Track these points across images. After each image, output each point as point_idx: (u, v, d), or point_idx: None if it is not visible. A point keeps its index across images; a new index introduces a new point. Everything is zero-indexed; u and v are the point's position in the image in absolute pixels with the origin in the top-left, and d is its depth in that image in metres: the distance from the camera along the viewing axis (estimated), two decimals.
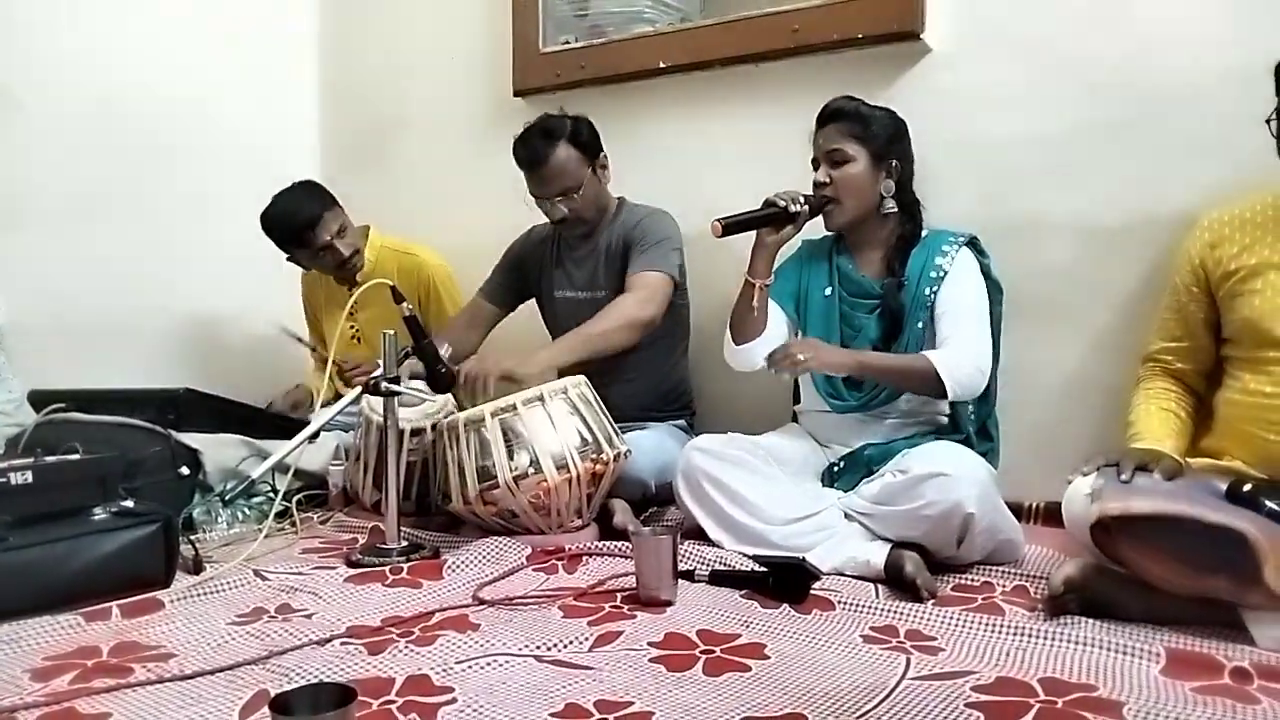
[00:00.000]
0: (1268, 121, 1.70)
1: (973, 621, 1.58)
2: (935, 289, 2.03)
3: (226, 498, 2.09)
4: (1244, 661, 1.36)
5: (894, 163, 2.08)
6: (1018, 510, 2.05)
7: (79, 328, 2.77)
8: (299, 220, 2.68)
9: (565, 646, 1.50)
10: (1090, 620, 1.55)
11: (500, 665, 1.43)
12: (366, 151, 3.29)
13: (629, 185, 2.55)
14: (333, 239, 2.71)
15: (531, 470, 1.99)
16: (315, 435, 2.02)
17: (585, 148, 2.39)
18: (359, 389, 2.02)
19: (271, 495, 2.19)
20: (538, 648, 1.49)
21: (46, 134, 2.76)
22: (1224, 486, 1.55)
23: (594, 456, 2.04)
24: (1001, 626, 1.55)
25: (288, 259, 2.81)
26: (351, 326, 2.85)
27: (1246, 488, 1.52)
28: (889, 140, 2.08)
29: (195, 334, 3.12)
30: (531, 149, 2.36)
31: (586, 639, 1.53)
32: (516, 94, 2.92)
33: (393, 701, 1.30)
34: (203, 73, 3.12)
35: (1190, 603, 1.50)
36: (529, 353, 2.20)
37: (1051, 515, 2.03)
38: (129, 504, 1.85)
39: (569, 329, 2.43)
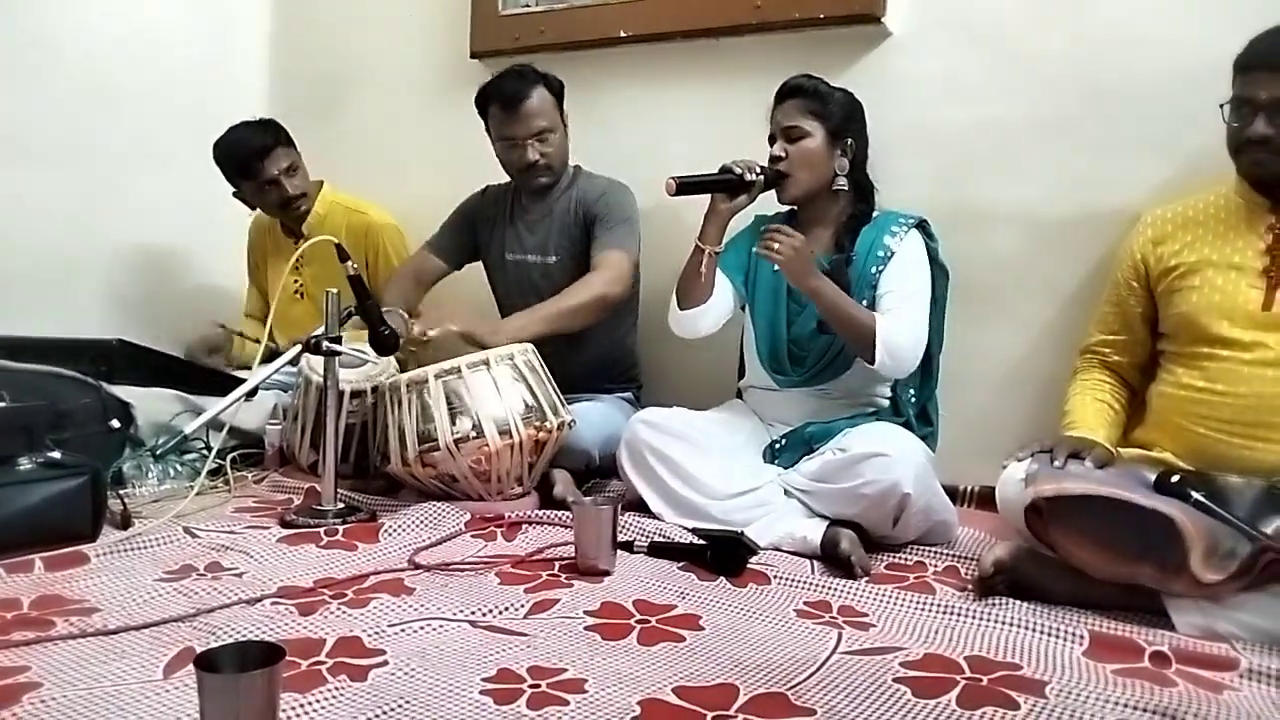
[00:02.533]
0: (1221, 106, 1.73)
1: (904, 599, 1.61)
2: (881, 268, 2.04)
3: (158, 453, 2.04)
4: (1164, 646, 1.40)
5: (849, 141, 2.08)
6: (953, 493, 2.09)
7: (9, 273, 2.68)
8: (248, 148, 2.64)
9: (500, 613, 1.50)
10: (1018, 602, 1.58)
11: (434, 629, 1.42)
12: (316, 104, 3.22)
13: (582, 154, 2.52)
14: (280, 175, 2.67)
15: (473, 434, 1.97)
16: (253, 393, 1.97)
17: (558, 95, 2.38)
18: (298, 347, 1.98)
19: (205, 452, 2.15)
20: (473, 613, 1.48)
21: None
22: (1153, 477, 1.59)
23: (537, 424, 2.03)
24: (932, 605, 1.58)
25: (234, 194, 2.76)
26: (296, 281, 2.80)
27: (1174, 479, 1.55)
28: (845, 119, 2.09)
29: (131, 284, 3.03)
30: (510, 89, 2.32)
31: (522, 606, 1.53)
32: (473, 55, 2.87)
33: (322, 663, 1.29)
34: (149, 14, 3.02)
35: (1115, 588, 1.54)
36: (496, 321, 2.17)
37: (985, 500, 2.07)
38: (56, 455, 1.81)
39: (517, 291, 2.42)
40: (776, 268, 2.12)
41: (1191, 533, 1.42)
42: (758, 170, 2.04)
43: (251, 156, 2.65)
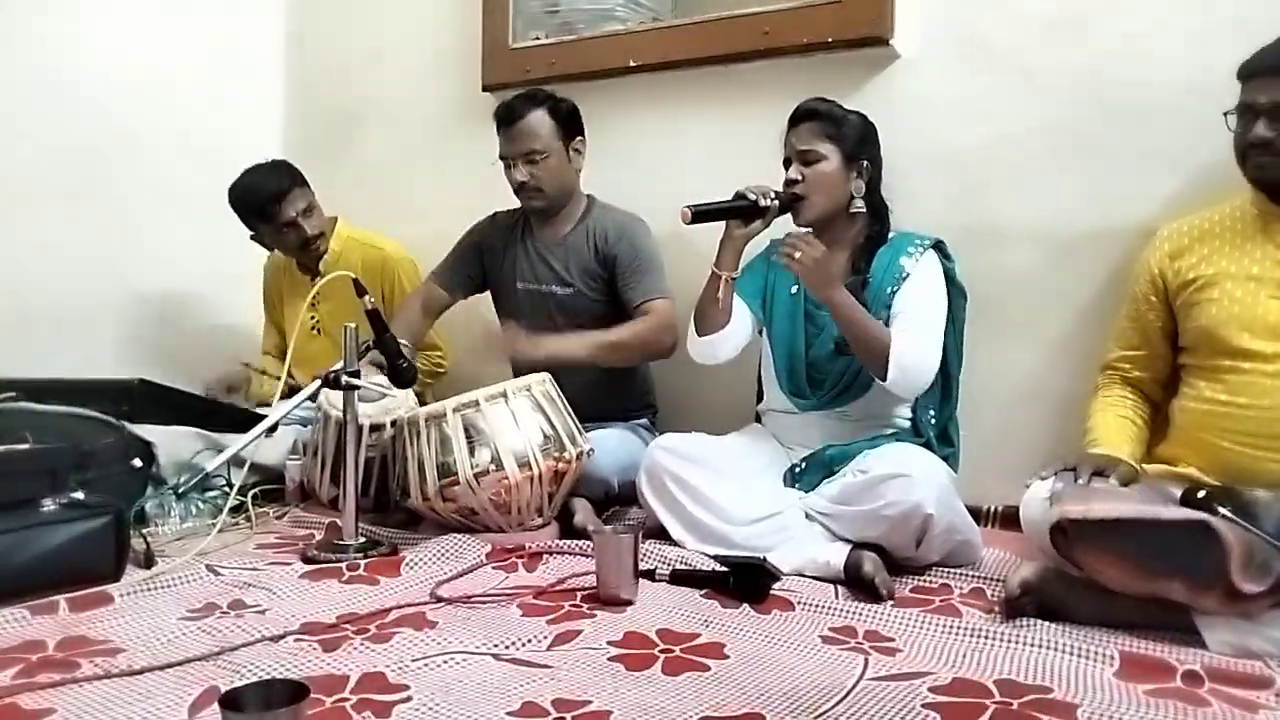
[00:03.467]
0: (1225, 115, 1.73)
1: (930, 623, 1.59)
2: (896, 289, 2.04)
3: (180, 491, 2.05)
4: (1196, 665, 1.38)
5: (864, 163, 2.09)
6: (977, 514, 2.07)
7: (32, 316, 2.71)
8: (265, 193, 2.66)
9: (523, 645, 1.49)
10: (1046, 623, 1.56)
11: (457, 663, 1.41)
12: (331, 141, 3.26)
13: (597, 183, 2.54)
14: (298, 216, 2.68)
15: (493, 467, 1.97)
16: (273, 429, 1.98)
17: (562, 121, 2.38)
18: (317, 382, 1.99)
19: (226, 489, 2.15)
20: (495, 646, 1.48)
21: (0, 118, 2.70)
22: (1178, 493, 1.58)
23: (556, 454, 2.03)
24: (958, 628, 1.56)
25: (251, 237, 2.78)
26: (313, 318, 2.82)
27: (1200, 494, 1.54)
28: (860, 141, 2.09)
29: (151, 324, 3.06)
30: (508, 106, 2.37)
31: (545, 637, 1.52)
32: (485, 89, 2.90)
33: (347, 699, 1.28)
34: (165, 58, 3.07)
35: (1145, 606, 1.52)
36: (536, 337, 2.20)
37: (1009, 519, 2.04)
38: (80, 496, 1.81)
39: (533, 320, 2.42)
40: (794, 290, 2.13)
41: (1230, 540, 1.40)
42: (772, 195, 2.04)
43: (268, 201, 2.66)
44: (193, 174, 3.04)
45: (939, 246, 2.11)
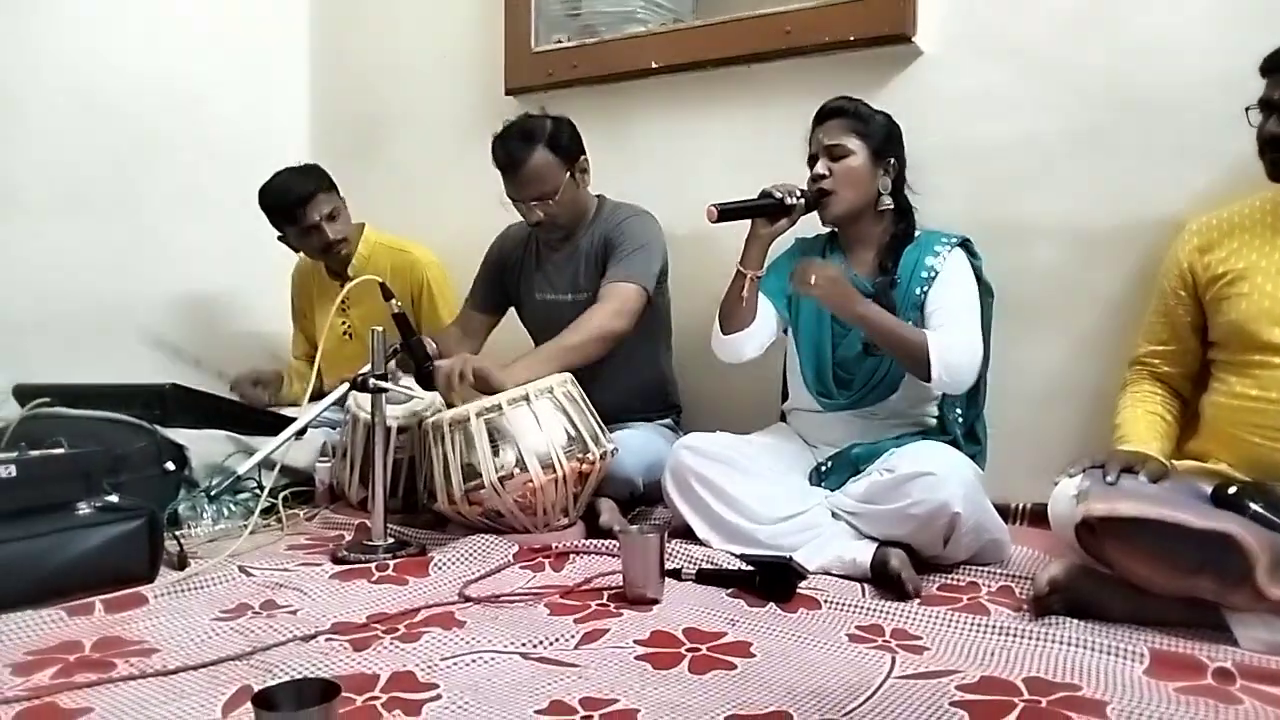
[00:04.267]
0: (1247, 110, 1.72)
1: (958, 621, 1.58)
2: (926, 289, 2.03)
3: (212, 493, 2.08)
4: (1227, 662, 1.37)
5: (891, 161, 2.08)
6: (1004, 511, 2.05)
7: (64, 322, 2.76)
8: (292, 195, 2.70)
9: (551, 644, 1.50)
10: (1075, 620, 1.55)
11: (486, 662, 1.43)
12: (357, 148, 3.29)
13: (619, 185, 2.55)
14: (321, 220, 2.72)
15: (517, 470, 1.98)
16: (302, 432, 2.01)
17: (564, 151, 2.35)
18: (346, 385, 2.01)
19: (257, 491, 2.18)
20: (524, 645, 1.49)
21: (31, 127, 2.75)
22: (1209, 489, 1.56)
23: (580, 456, 2.03)
24: (987, 626, 1.56)
25: (278, 238, 2.82)
26: (343, 322, 2.85)
27: (1231, 490, 1.52)
28: (887, 139, 2.09)
29: (179, 330, 3.10)
30: (508, 151, 2.34)
31: (572, 636, 1.53)
32: (508, 93, 2.92)
33: (377, 698, 1.30)
34: (193, 66, 3.11)
35: (1174, 603, 1.50)
36: (504, 365, 2.17)
37: (1038, 517, 2.04)
38: (114, 499, 1.84)
39: (550, 331, 2.42)
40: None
41: (1254, 548, 1.39)
42: (798, 194, 2.04)
43: (295, 204, 2.70)
44: (220, 181, 3.08)
45: (966, 245, 2.10)
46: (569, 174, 2.36)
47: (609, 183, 2.52)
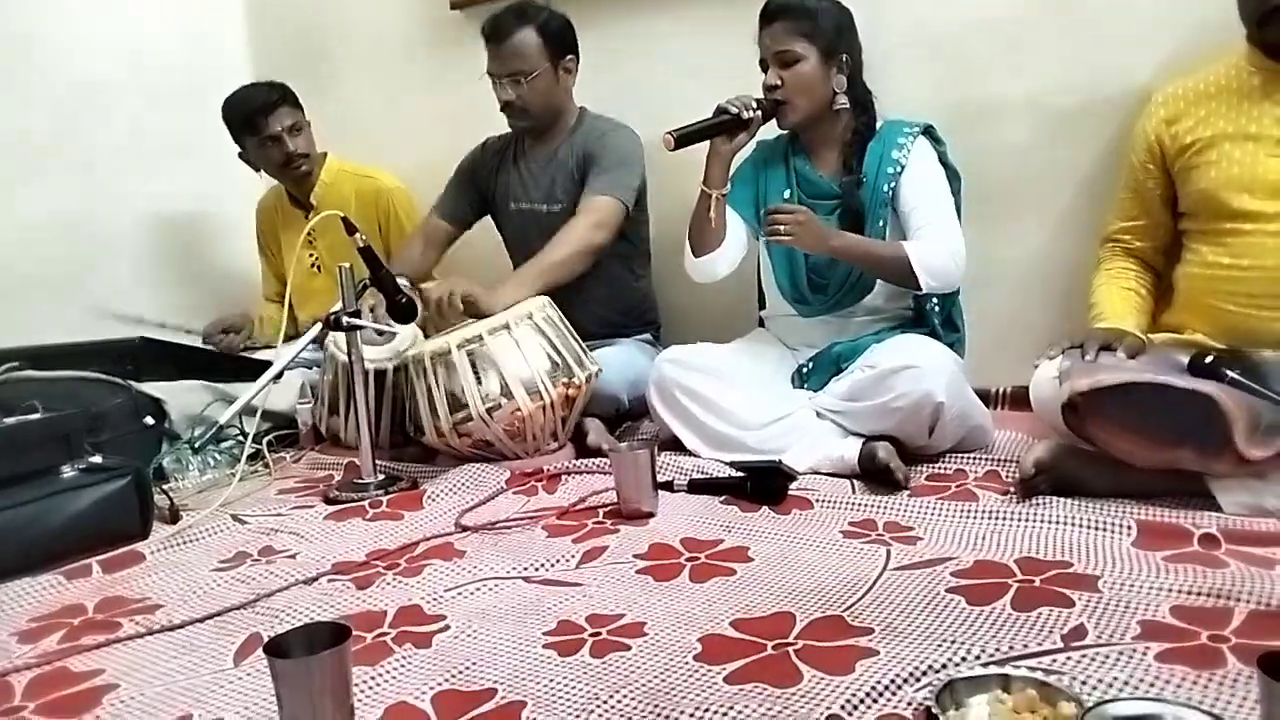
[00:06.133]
0: None
1: (948, 509, 1.62)
2: (894, 184, 2.01)
3: (195, 445, 2.06)
4: (1212, 528, 1.41)
5: (844, 57, 2.03)
6: (986, 397, 2.08)
7: (22, 283, 2.69)
8: (254, 103, 2.68)
9: (552, 565, 1.52)
10: (1062, 499, 1.59)
11: (490, 589, 1.44)
12: (302, 78, 3.13)
13: (585, 93, 2.48)
14: (283, 131, 2.69)
15: (504, 399, 1.98)
16: (279, 375, 1.99)
17: (552, 39, 2.32)
18: (319, 325, 1.99)
19: (241, 438, 2.16)
20: (525, 569, 1.51)
21: None
22: (1186, 359, 1.58)
23: (565, 380, 2.03)
24: (976, 511, 1.59)
25: (239, 155, 2.77)
26: (311, 255, 2.81)
27: (1208, 359, 1.54)
28: (837, 34, 2.03)
29: (144, 280, 3.03)
30: (496, 22, 2.31)
31: (572, 556, 1.55)
32: (454, 7, 2.82)
33: (386, 633, 1.32)
34: (127, 9, 3.00)
35: (1158, 475, 1.54)
36: (491, 287, 2.15)
37: (1019, 400, 2.06)
38: (97, 459, 1.82)
39: (527, 240, 2.40)
40: (786, 194, 2.10)
41: (1233, 410, 1.41)
42: (754, 105, 2.00)
43: (256, 112, 2.67)
44: (164, 124, 3.00)
45: (929, 131, 2.08)
46: (551, 65, 2.33)
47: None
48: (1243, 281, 1.70)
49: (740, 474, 1.81)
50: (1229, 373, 1.51)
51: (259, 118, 2.67)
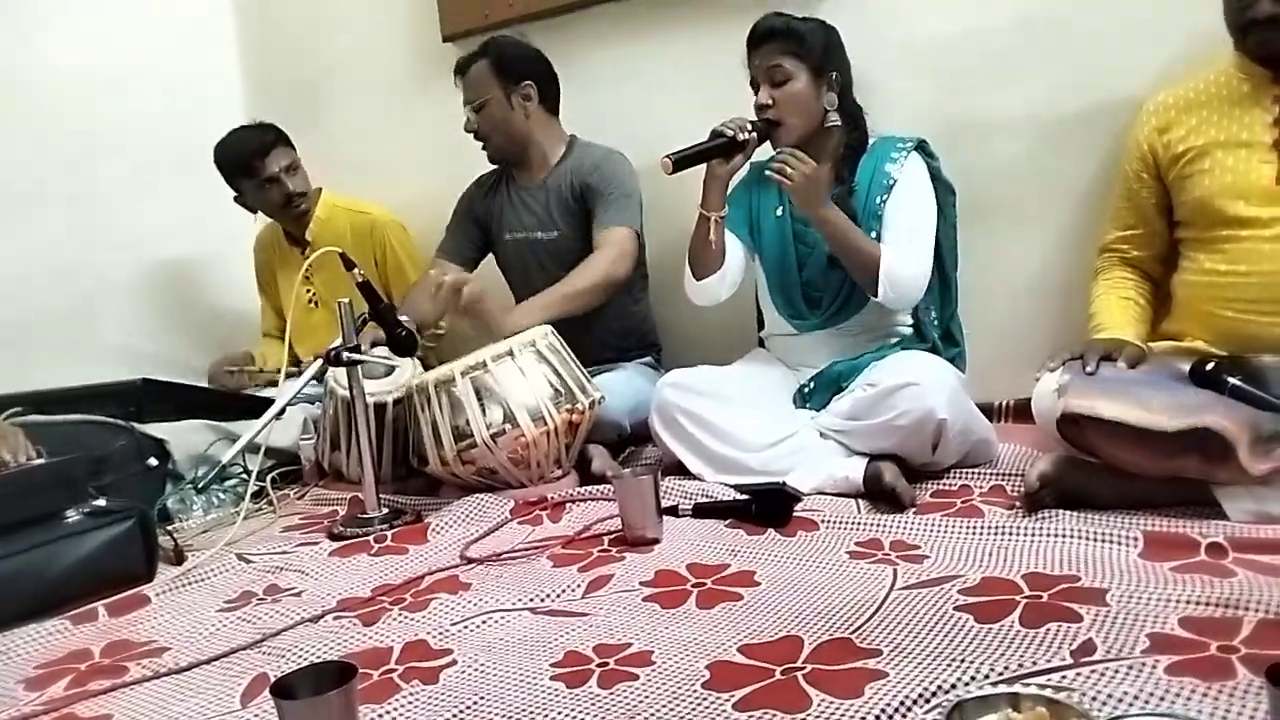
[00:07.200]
0: None
1: (954, 526, 1.61)
2: (885, 197, 2.01)
3: (199, 485, 2.06)
4: (1218, 537, 1.40)
5: (833, 75, 2.05)
6: (988, 410, 2.07)
7: (21, 326, 2.70)
8: (250, 147, 2.70)
9: (558, 596, 1.51)
10: (1067, 512, 1.57)
11: (496, 621, 1.44)
12: (294, 112, 3.17)
13: (571, 122, 2.50)
14: (280, 172, 2.71)
15: (508, 426, 1.98)
16: (281, 412, 1.99)
17: (503, 70, 2.38)
18: (319, 361, 1.99)
19: (244, 476, 2.17)
20: (531, 600, 1.50)
21: None
22: (1187, 368, 1.58)
23: (569, 406, 2.03)
24: (982, 528, 1.58)
25: (235, 199, 2.78)
26: (308, 290, 2.82)
27: (1209, 366, 1.55)
28: (825, 52, 2.04)
29: (144, 319, 3.05)
30: (462, 57, 2.44)
31: (578, 586, 1.54)
32: (446, 39, 2.84)
33: (393, 670, 1.31)
34: (119, 45, 3.02)
35: (1162, 484, 1.53)
36: (508, 311, 2.17)
37: (1021, 412, 2.05)
38: (101, 502, 1.82)
39: (520, 270, 2.44)
40: (780, 212, 2.11)
41: (1234, 431, 1.41)
42: (749, 127, 2.01)
43: (252, 155, 2.69)
44: (159, 162, 3.01)
45: (922, 147, 2.08)
46: (503, 93, 2.38)
47: (563, 120, 2.48)
48: (1240, 287, 1.70)
49: (745, 497, 1.81)
50: (1230, 380, 1.51)
51: (255, 161, 2.68)
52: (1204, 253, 1.77)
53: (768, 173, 1.99)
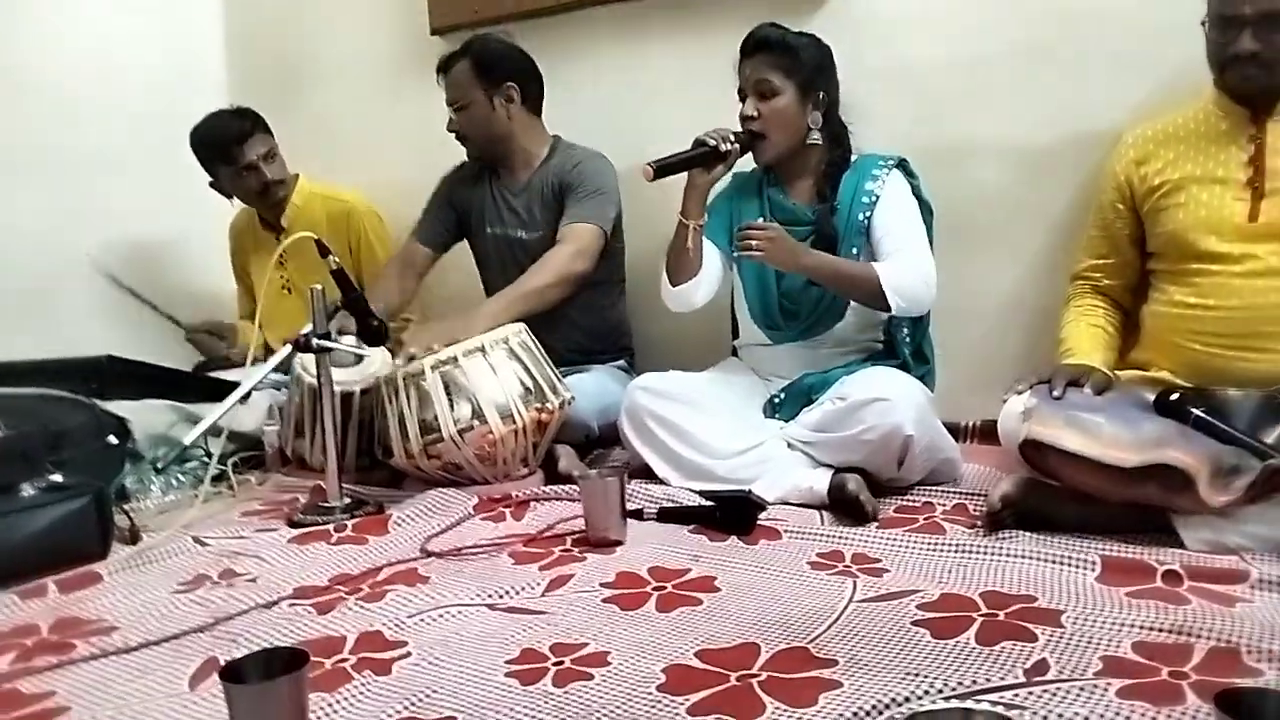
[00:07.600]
0: (1202, 23, 1.73)
1: (915, 542, 1.62)
2: (868, 214, 2.03)
3: (159, 465, 2.03)
4: (1175, 564, 1.42)
5: (821, 94, 2.06)
6: (955, 430, 2.09)
7: None
8: (228, 133, 2.67)
9: (517, 593, 1.50)
10: (1027, 534, 1.59)
11: (453, 616, 1.43)
12: (278, 98, 3.15)
13: (560, 121, 2.50)
14: (258, 160, 2.69)
15: (476, 422, 1.97)
16: (246, 396, 1.97)
17: (484, 71, 2.37)
18: (289, 347, 1.97)
19: (205, 460, 2.14)
20: (490, 596, 1.49)
21: None
22: (1152, 397, 1.60)
23: (538, 405, 2.02)
24: (943, 545, 1.59)
25: (210, 184, 2.76)
26: (281, 277, 2.79)
27: (1173, 397, 1.57)
28: (815, 70, 2.06)
29: (114, 297, 3.00)
30: (444, 56, 2.43)
31: (538, 584, 1.53)
32: (434, 32, 2.83)
33: (346, 659, 1.30)
34: (102, 23, 2.98)
35: (1122, 510, 1.55)
36: (467, 316, 2.16)
37: (987, 433, 2.07)
38: (57, 478, 1.80)
39: (499, 267, 2.43)
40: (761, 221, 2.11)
41: (1194, 466, 1.43)
42: (731, 138, 2.02)
43: (230, 141, 2.66)
44: (138, 140, 2.97)
45: (903, 165, 2.10)
46: (484, 94, 2.37)
47: (550, 121, 2.48)
48: (1208, 321, 1.72)
49: (710, 503, 1.81)
50: (1194, 411, 1.53)
51: (234, 147, 2.66)
52: (1174, 285, 1.80)
53: (736, 256, 2.01)
